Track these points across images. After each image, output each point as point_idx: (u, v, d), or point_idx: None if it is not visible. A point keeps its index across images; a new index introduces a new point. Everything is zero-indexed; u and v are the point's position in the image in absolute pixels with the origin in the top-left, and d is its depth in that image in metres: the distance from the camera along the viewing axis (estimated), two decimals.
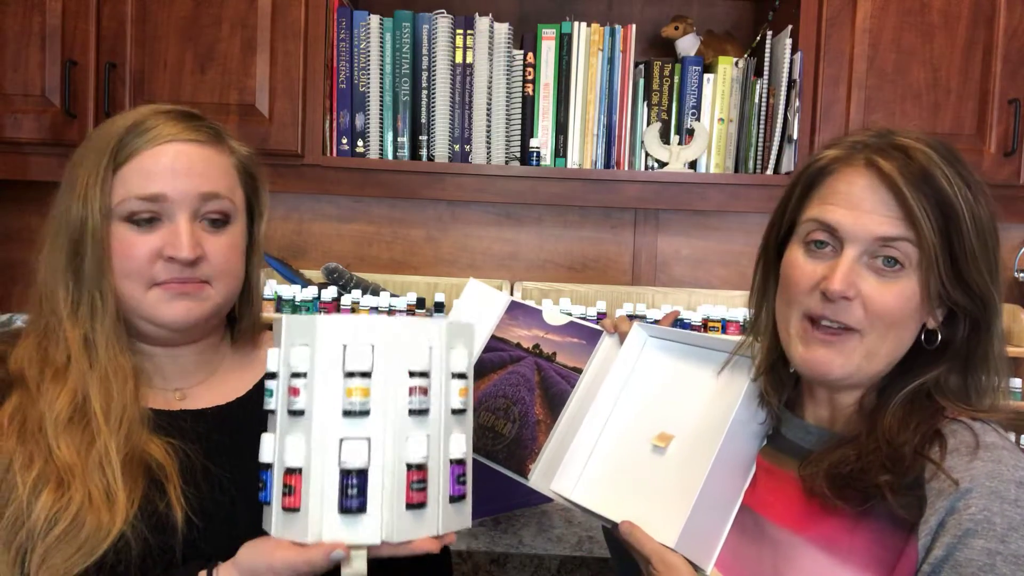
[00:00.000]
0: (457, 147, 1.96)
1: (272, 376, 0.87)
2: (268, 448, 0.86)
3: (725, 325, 2.03)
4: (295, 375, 0.84)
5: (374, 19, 1.94)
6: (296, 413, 0.84)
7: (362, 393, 0.82)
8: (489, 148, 1.97)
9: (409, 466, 0.83)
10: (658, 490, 1.03)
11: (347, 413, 0.82)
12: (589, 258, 2.29)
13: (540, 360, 1.28)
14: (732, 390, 1.04)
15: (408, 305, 2.03)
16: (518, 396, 1.26)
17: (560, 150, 1.99)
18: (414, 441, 0.83)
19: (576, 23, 1.96)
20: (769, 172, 1.95)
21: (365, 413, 0.82)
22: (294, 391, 0.84)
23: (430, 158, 1.98)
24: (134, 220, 0.95)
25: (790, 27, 1.90)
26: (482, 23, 1.94)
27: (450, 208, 2.27)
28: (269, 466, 0.86)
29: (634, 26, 1.97)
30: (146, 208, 0.95)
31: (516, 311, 1.35)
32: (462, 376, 0.89)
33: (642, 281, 2.28)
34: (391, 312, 2.02)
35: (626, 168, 1.99)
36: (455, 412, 0.88)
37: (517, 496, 1.72)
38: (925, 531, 0.82)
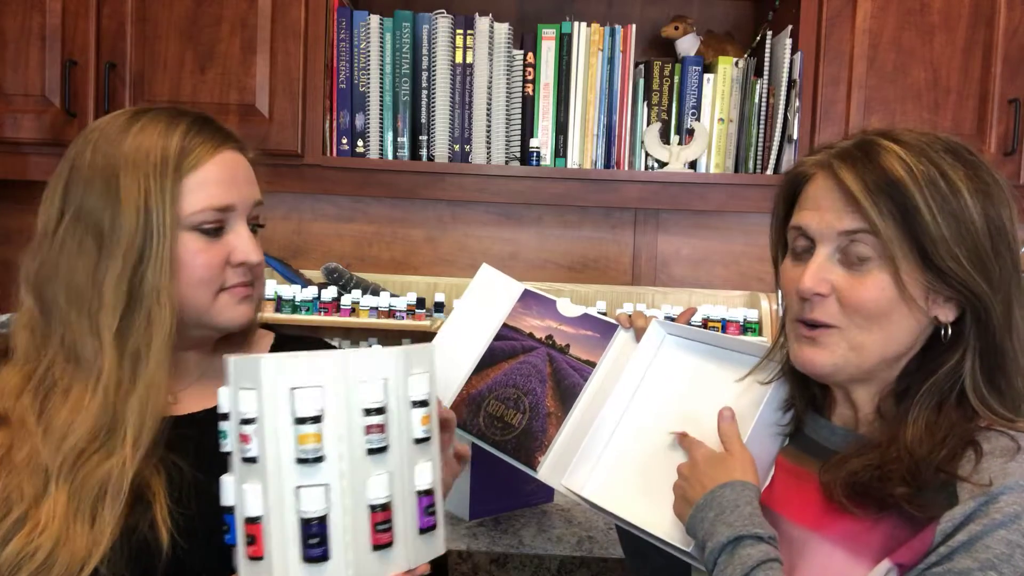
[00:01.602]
0: (457, 147, 1.96)
1: (224, 417, 0.83)
2: (229, 492, 0.82)
3: (725, 325, 2.03)
4: (244, 421, 0.79)
5: (374, 19, 1.94)
6: (250, 460, 0.80)
7: (315, 439, 0.77)
8: (489, 148, 1.97)
9: (372, 507, 0.79)
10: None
11: (301, 461, 0.78)
12: (589, 258, 2.29)
13: (553, 351, 1.27)
14: (754, 392, 1.04)
15: (408, 305, 2.03)
16: (529, 387, 1.25)
17: (560, 150, 1.99)
18: (375, 481, 0.80)
19: (576, 23, 1.96)
20: (769, 172, 1.95)
21: (320, 459, 0.78)
22: (244, 438, 0.79)
23: (430, 158, 1.98)
24: (203, 229, 0.96)
25: (790, 27, 1.90)
26: (482, 23, 1.94)
27: (450, 208, 2.27)
28: (232, 509, 0.82)
29: (634, 26, 1.97)
30: (219, 218, 0.96)
31: (529, 300, 1.34)
32: (423, 403, 0.84)
33: (642, 281, 2.28)
34: (391, 313, 2.02)
35: (626, 168, 1.99)
36: (418, 441, 0.84)
37: (517, 496, 1.72)
38: (947, 518, 0.81)
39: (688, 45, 2.07)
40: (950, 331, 0.88)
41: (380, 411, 0.80)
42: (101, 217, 0.93)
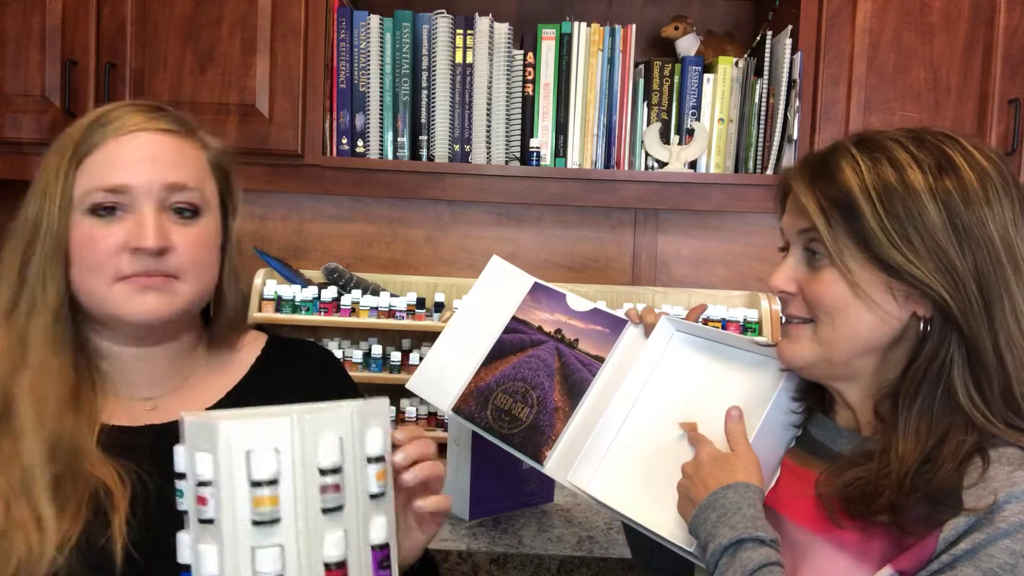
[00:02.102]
0: (457, 147, 1.96)
1: (181, 476, 0.83)
2: (185, 550, 0.82)
3: (725, 325, 2.04)
4: (201, 484, 0.79)
5: (374, 19, 1.94)
6: (206, 521, 0.80)
7: (271, 502, 0.78)
8: (489, 148, 1.97)
9: (328, 566, 0.80)
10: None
11: (257, 523, 0.78)
12: (589, 258, 2.29)
13: (561, 346, 1.27)
14: (762, 390, 1.04)
15: (408, 305, 2.03)
16: (537, 381, 1.25)
17: (560, 150, 1.99)
18: (331, 540, 0.80)
19: (576, 23, 1.96)
20: (769, 172, 1.95)
21: (276, 521, 0.78)
22: (202, 500, 0.79)
23: (430, 158, 1.98)
24: (97, 212, 0.92)
25: (790, 27, 1.90)
26: (482, 23, 1.94)
27: (450, 208, 2.27)
28: (188, 567, 0.82)
29: (634, 26, 1.97)
30: (110, 200, 0.92)
31: (539, 293, 1.33)
32: (379, 459, 0.84)
33: (642, 281, 2.28)
34: (391, 313, 2.02)
35: (626, 168, 1.99)
36: (373, 497, 0.84)
37: (517, 496, 1.72)
38: (951, 526, 0.81)
39: (688, 45, 2.07)
40: (925, 327, 0.88)
41: (336, 471, 0.80)
42: (25, 203, 0.94)
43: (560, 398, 1.22)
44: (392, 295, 2.06)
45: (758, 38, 2.02)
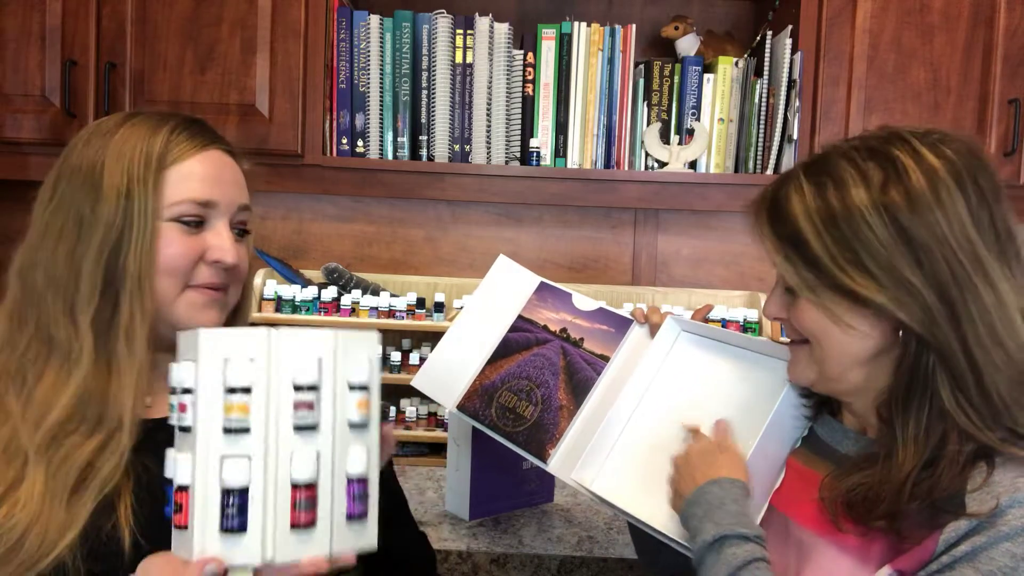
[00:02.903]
0: (457, 147, 1.96)
1: (175, 391, 0.85)
2: (170, 463, 0.83)
3: (725, 325, 2.03)
4: (184, 391, 0.81)
5: (374, 19, 1.94)
6: (185, 429, 0.81)
7: (241, 410, 0.79)
8: (489, 148, 1.97)
9: (295, 485, 0.80)
10: None
11: (227, 431, 0.79)
12: (589, 258, 2.29)
13: (567, 345, 1.28)
14: (768, 391, 1.04)
15: (408, 305, 2.03)
16: (542, 379, 1.26)
17: (560, 150, 1.99)
18: (300, 459, 0.80)
19: (576, 23, 1.96)
20: (769, 172, 1.95)
21: (245, 430, 0.79)
22: (182, 407, 0.81)
23: (430, 158, 1.98)
24: (183, 221, 0.96)
25: (790, 27, 1.90)
26: (482, 23, 1.94)
27: (450, 208, 2.27)
28: (170, 482, 0.83)
29: (634, 26, 1.97)
30: (198, 212, 0.97)
31: (545, 292, 1.34)
32: (362, 387, 0.85)
33: (642, 281, 2.28)
34: (391, 313, 2.02)
35: (626, 168, 1.99)
36: (353, 426, 0.84)
37: (517, 496, 1.72)
38: (952, 528, 0.81)
39: (688, 45, 2.07)
40: (905, 336, 0.87)
41: (312, 388, 0.81)
42: (83, 205, 0.94)
43: (565, 397, 1.23)
44: (392, 295, 2.06)
45: (758, 38, 2.02)
